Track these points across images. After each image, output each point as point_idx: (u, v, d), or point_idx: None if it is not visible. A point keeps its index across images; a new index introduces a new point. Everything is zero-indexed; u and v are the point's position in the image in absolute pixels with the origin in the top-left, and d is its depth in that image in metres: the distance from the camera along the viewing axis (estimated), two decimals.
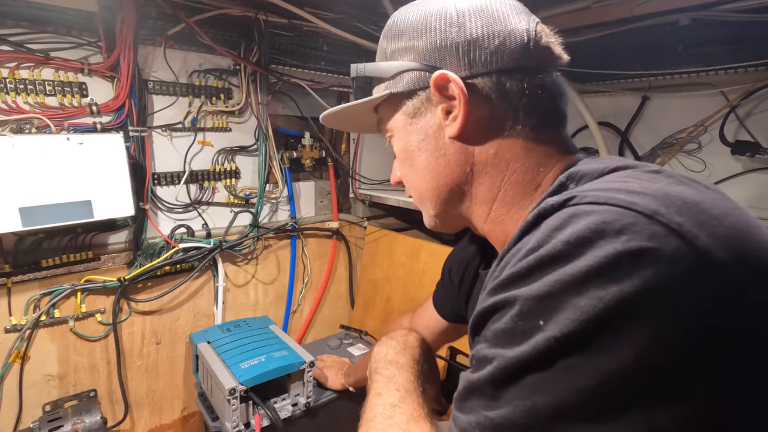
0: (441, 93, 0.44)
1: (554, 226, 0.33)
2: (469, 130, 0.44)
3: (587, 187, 0.36)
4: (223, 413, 1.01)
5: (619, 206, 0.31)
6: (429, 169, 0.48)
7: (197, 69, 1.19)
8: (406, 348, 0.61)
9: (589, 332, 0.28)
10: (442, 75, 0.43)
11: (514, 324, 0.32)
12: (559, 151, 0.45)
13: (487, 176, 0.46)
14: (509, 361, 0.31)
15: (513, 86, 0.43)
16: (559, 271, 0.30)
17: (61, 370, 1.09)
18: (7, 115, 0.92)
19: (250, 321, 1.26)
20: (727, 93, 1.16)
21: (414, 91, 0.46)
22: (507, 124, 0.44)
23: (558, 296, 0.30)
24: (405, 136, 0.49)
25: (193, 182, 1.24)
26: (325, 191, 1.54)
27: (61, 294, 1.04)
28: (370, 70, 0.50)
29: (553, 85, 0.45)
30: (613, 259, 0.29)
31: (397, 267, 1.43)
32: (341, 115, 0.56)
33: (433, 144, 0.47)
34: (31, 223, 0.90)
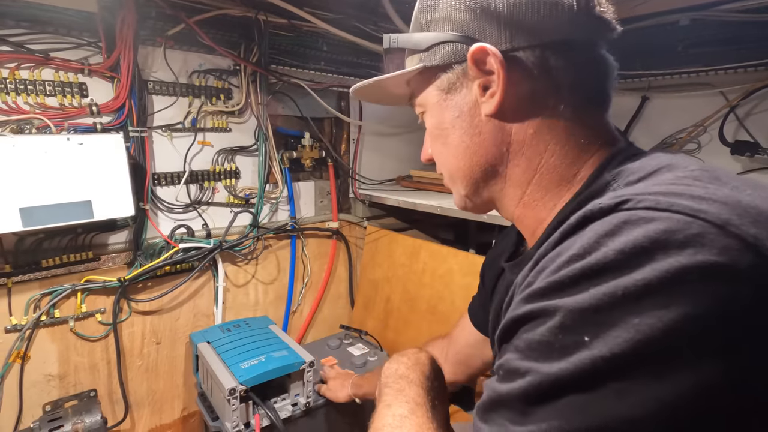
0: (478, 67, 0.41)
1: (604, 232, 0.29)
2: (508, 108, 0.41)
3: (641, 189, 0.32)
4: (223, 413, 1.01)
5: (684, 213, 0.27)
6: (462, 147, 0.45)
7: (197, 69, 1.19)
8: (416, 364, 0.60)
9: (644, 355, 0.25)
10: (481, 48, 0.39)
11: (553, 337, 0.29)
12: (602, 137, 0.42)
13: (524, 157, 0.43)
14: (545, 377, 0.29)
15: (558, 62, 0.39)
16: (611, 283, 0.27)
17: (62, 370, 1.09)
18: (7, 115, 0.92)
19: (250, 321, 1.26)
20: (727, 93, 1.16)
21: (449, 64, 0.43)
22: (549, 103, 0.41)
23: (608, 311, 0.27)
24: (438, 112, 0.46)
25: (193, 182, 1.24)
26: (325, 191, 1.54)
27: (61, 294, 1.04)
28: (404, 41, 0.47)
29: (602, 63, 0.42)
30: (676, 274, 0.25)
31: (396, 267, 1.43)
32: (372, 88, 0.53)
33: (468, 121, 0.44)
34: (31, 223, 0.90)
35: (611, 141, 0.43)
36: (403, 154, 1.72)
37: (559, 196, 0.42)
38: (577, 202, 0.39)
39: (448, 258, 1.27)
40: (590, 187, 0.39)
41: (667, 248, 0.26)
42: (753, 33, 1.02)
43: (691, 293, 0.25)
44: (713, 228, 0.26)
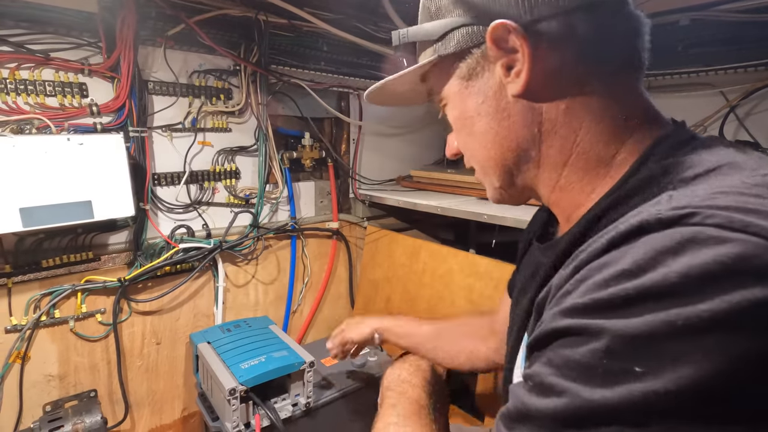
0: (499, 46, 0.38)
1: (664, 249, 0.26)
2: (536, 85, 0.38)
3: (706, 199, 0.28)
4: (223, 413, 1.01)
5: (763, 237, 0.24)
6: (491, 134, 0.42)
7: (197, 69, 1.19)
8: (418, 370, 0.60)
9: (705, 394, 0.23)
10: (500, 24, 0.36)
11: (597, 360, 0.26)
12: (641, 112, 0.39)
13: (558, 136, 0.39)
14: (585, 402, 0.26)
15: (585, 27, 0.36)
16: (672, 311, 0.24)
17: (62, 370, 1.09)
18: (7, 115, 0.92)
19: (250, 321, 1.26)
20: (727, 93, 1.16)
21: (467, 49, 0.41)
22: (579, 75, 0.37)
23: (664, 342, 0.24)
24: (461, 101, 0.44)
25: (193, 182, 1.24)
26: (325, 191, 1.54)
27: (61, 294, 1.04)
28: (414, 34, 0.44)
29: (632, 22, 0.38)
30: (749, 308, 0.22)
31: (397, 267, 1.43)
32: (387, 91, 0.50)
33: (494, 106, 0.41)
34: (31, 223, 0.90)
35: (654, 119, 0.39)
36: (403, 154, 1.72)
37: (599, 179, 0.39)
38: (621, 195, 0.35)
39: (448, 258, 1.27)
40: (635, 176, 0.36)
41: (740, 277, 0.23)
42: (753, 33, 1.02)
43: (764, 330, 0.22)
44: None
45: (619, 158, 0.38)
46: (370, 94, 0.52)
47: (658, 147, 0.37)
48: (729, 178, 0.30)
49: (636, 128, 0.38)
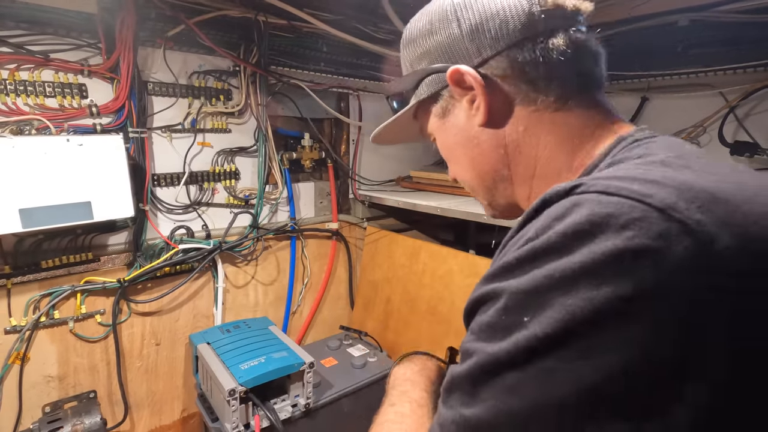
0: (460, 86, 0.44)
1: (555, 215, 0.30)
2: (495, 113, 0.44)
3: (602, 174, 0.33)
4: (223, 414, 1.01)
5: (630, 198, 0.27)
6: (468, 160, 0.49)
7: (197, 70, 1.19)
8: (423, 369, 0.62)
9: (572, 335, 0.26)
10: (455, 70, 0.43)
11: (498, 318, 0.30)
12: (598, 122, 0.43)
13: (522, 155, 0.45)
14: (488, 357, 0.29)
15: (527, 58, 0.42)
16: (551, 265, 0.28)
17: (61, 371, 1.09)
18: (7, 116, 0.92)
19: (249, 322, 1.26)
20: (726, 94, 1.16)
21: (438, 92, 0.48)
22: (531, 98, 0.43)
23: (545, 293, 0.28)
24: (443, 135, 0.51)
25: (193, 183, 1.24)
26: (324, 192, 1.54)
27: (60, 295, 1.04)
28: (396, 87, 0.53)
29: (576, 45, 0.42)
30: (610, 256, 0.26)
31: (396, 268, 1.43)
32: (390, 131, 0.59)
33: (466, 135, 0.47)
34: (31, 224, 0.90)
35: (610, 125, 0.43)
36: (402, 154, 1.72)
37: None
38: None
39: (448, 259, 1.27)
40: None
41: (606, 230, 0.27)
42: (752, 34, 1.02)
43: (622, 275, 0.25)
44: (655, 212, 0.26)
45: (575, 165, 0.43)
46: (376, 137, 0.60)
47: (614, 148, 0.40)
48: (635, 161, 0.35)
49: (591, 136, 0.43)
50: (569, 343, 0.26)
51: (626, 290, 0.25)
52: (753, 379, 0.26)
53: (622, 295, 0.25)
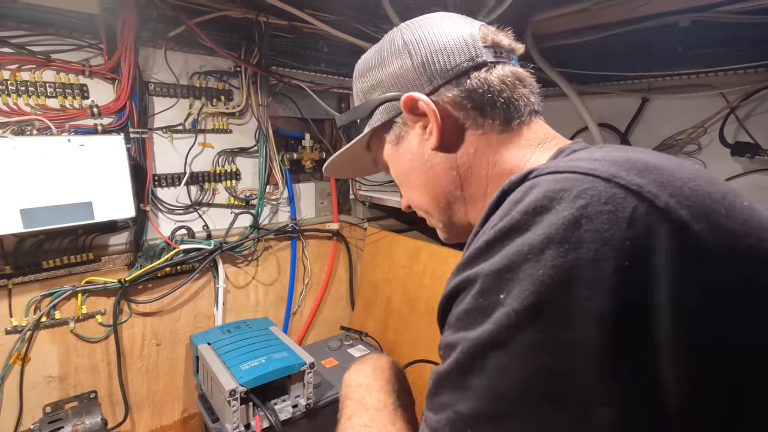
0: (413, 113, 0.47)
1: (515, 200, 0.32)
2: (447, 137, 0.46)
3: (551, 162, 0.36)
4: (224, 415, 1.01)
5: (578, 173, 0.30)
6: (422, 183, 0.50)
7: (198, 71, 1.19)
8: (375, 369, 0.59)
9: (548, 304, 0.27)
10: (409, 97, 0.46)
11: (476, 302, 0.30)
12: (538, 140, 0.47)
13: (473, 175, 0.48)
14: (472, 342, 0.29)
15: (473, 85, 0.45)
16: (517, 241, 0.29)
17: (62, 371, 1.09)
18: (8, 116, 0.93)
19: (250, 322, 1.26)
20: (727, 94, 1.16)
21: (391, 120, 0.50)
22: (479, 122, 0.46)
23: (517, 268, 0.28)
24: (397, 161, 0.52)
25: (194, 184, 1.24)
26: (325, 193, 1.55)
27: (61, 295, 1.05)
28: (350, 116, 0.54)
29: (515, 75, 0.47)
30: (569, 223, 0.28)
31: (397, 268, 1.43)
32: (342, 163, 0.59)
33: (420, 160, 0.49)
34: (32, 224, 0.90)
35: (551, 140, 0.47)
36: None
37: None
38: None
39: (449, 259, 1.27)
40: None
41: (562, 202, 0.29)
42: (753, 34, 1.02)
43: (583, 240, 0.27)
44: (601, 181, 0.29)
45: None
46: (328, 168, 0.60)
47: (554, 159, 0.42)
48: (577, 154, 0.38)
49: (535, 152, 0.46)
50: (546, 312, 0.27)
51: (586, 254, 0.27)
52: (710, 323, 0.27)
53: (585, 258, 0.27)
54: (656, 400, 0.26)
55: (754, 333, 0.27)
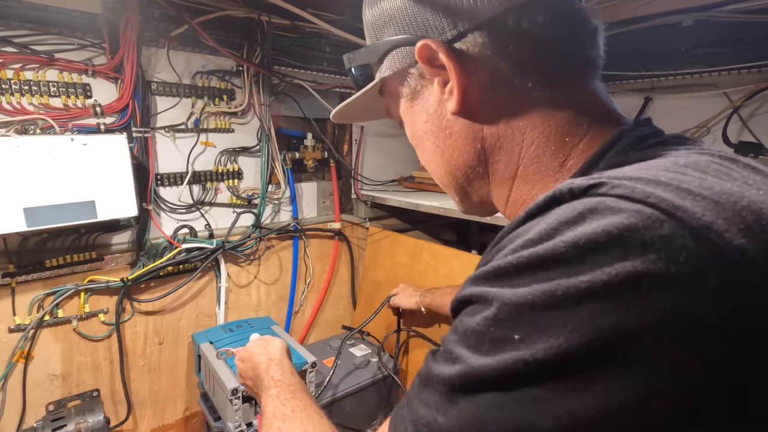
0: (431, 65, 0.37)
1: (566, 219, 0.25)
2: (471, 101, 0.37)
3: (623, 172, 0.27)
4: (226, 413, 1.01)
5: (659, 209, 0.23)
6: (438, 152, 0.42)
7: (200, 70, 1.19)
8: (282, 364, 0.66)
9: (567, 366, 0.23)
10: (424, 45, 0.36)
11: (486, 328, 0.26)
12: (590, 115, 0.36)
13: (503, 151, 0.38)
14: (472, 370, 0.26)
15: (510, 32, 0.34)
16: (554, 281, 0.24)
17: (65, 369, 1.09)
18: (11, 116, 0.93)
19: (252, 321, 1.26)
20: (730, 94, 1.16)
21: (405, 69, 0.40)
22: (514, 83, 0.36)
23: (543, 311, 0.24)
24: (410, 120, 0.44)
25: (196, 183, 1.24)
26: (327, 192, 1.55)
27: (64, 294, 1.05)
28: (359, 57, 0.45)
29: (569, 17, 0.36)
30: (625, 281, 0.22)
31: (399, 268, 1.43)
32: (353, 109, 0.51)
33: (437, 124, 0.40)
34: (35, 223, 0.90)
35: (608, 120, 0.36)
36: (405, 154, 1.72)
37: (548, 187, 0.36)
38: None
39: (450, 259, 1.27)
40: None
41: (625, 248, 0.22)
42: (756, 34, 1.02)
43: (637, 304, 0.22)
44: (687, 231, 0.22)
45: (568, 165, 0.36)
46: (336, 115, 0.53)
47: (611, 148, 0.34)
48: (661, 160, 0.29)
49: (586, 133, 0.36)
50: (562, 374, 0.23)
51: (637, 321, 0.22)
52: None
53: (633, 326, 0.22)
54: None
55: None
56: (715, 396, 0.22)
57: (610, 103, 0.38)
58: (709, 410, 0.22)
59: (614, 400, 0.22)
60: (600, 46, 0.37)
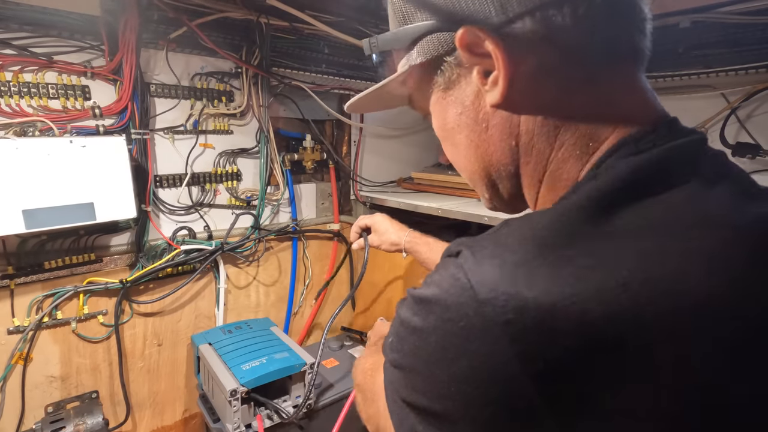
0: (472, 52, 0.34)
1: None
2: (515, 93, 0.33)
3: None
4: (225, 415, 1.01)
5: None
6: (472, 147, 0.39)
7: (199, 72, 1.19)
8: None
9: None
10: (468, 31, 0.33)
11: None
12: (622, 110, 0.33)
13: (534, 150, 0.36)
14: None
15: (566, 21, 0.31)
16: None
17: (64, 371, 1.09)
18: (10, 118, 0.93)
19: (251, 323, 1.26)
20: (728, 95, 1.16)
21: (440, 57, 0.37)
22: (560, 77, 0.33)
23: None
24: (441, 111, 0.41)
25: (195, 184, 1.24)
26: (326, 193, 1.55)
27: (63, 296, 1.05)
28: (384, 42, 0.42)
29: (625, 6, 0.33)
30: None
31: (398, 269, 1.43)
32: (369, 98, 0.48)
33: (473, 117, 0.37)
34: (34, 225, 0.90)
35: (631, 117, 0.33)
36: (404, 155, 1.72)
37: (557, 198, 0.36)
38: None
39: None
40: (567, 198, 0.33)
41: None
42: (754, 35, 1.02)
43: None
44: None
45: (583, 172, 0.35)
46: (352, 105, 0.50)
47: (606, 159, 0.33)
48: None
49: (609, 133, 0.33)
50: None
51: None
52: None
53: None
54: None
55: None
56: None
57: (653, 99, 0.35)
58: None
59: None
60: (648, 36, 0.35)
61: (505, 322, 0.27)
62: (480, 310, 0.28)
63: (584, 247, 0.28)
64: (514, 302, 0.27)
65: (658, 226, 0.29)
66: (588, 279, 0.27)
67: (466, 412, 0.29)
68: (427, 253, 0.95)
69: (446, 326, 0.29)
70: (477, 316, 0.28)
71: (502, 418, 0.28)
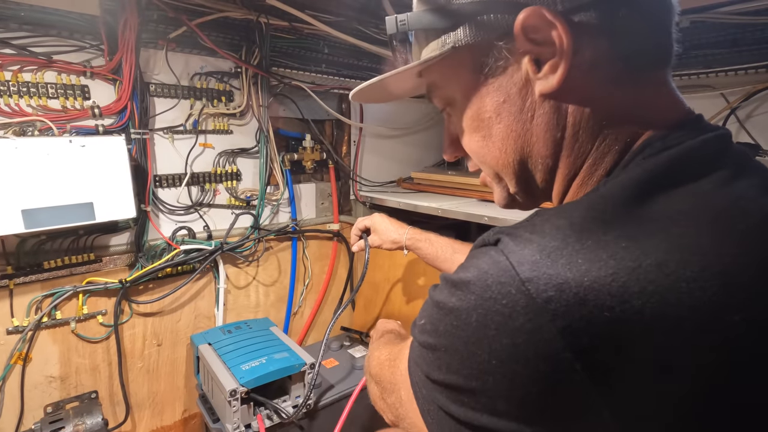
0: (530, 38, 0.32)
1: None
2: (570, 83, 0.33)
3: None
4: (224, 415, 1.01)
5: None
6: (512, 138, 0.37)
7: (199, 72, 1.19)
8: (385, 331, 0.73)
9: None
10: (535, 11, 0.31)
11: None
12: (653, 111, 0.34)
13: (577, 144, 0.35)
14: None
15: (625, 16, 0.32)
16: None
17: (63, 371, 1.09)
18: (9, 117, 0.93)
19: (251, 323, 1.26)
20: (728, 95, 1.16)
21: (490, 40, 0.35)
22: (611, 73, 0.33)
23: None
24: (477, 99, 0.38)
25: (195, 184, 1.24)
26: (326, 193, 1.55)
27: (62, 296, 1.05)
28: (418, 21, 0.38)
29: (668, 4, 0.35)
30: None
31: (397, 268, 1.43)
32: (373, 88, 0.45)
33: (517, 106, 0.35)
34: (33, 225, 0.90)
35: (664, 114, 0.34)
36: (404, 155, 1.72)
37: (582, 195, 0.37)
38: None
39: None
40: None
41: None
42: (754, 35, 1.02)
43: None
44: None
45: (615, 169, 0.36)
46: (358, 93, 0.47)
47: (625, 158, 0.35)
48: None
49: (641, 132, 0.34)
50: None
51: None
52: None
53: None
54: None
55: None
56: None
57: (680, 97, 0.36)
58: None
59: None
60: (674, 36, 0.36)
61: (547, 300, 0.27)
62: (522, 288, 0.28)
63: (620, 231, 0.29)
64: (555, 280, 0.28)
65: (689, 212, 0.30)
66: (626, 259, 0.27)
67: (506, 389, 0.29)
68: (428, 248, 0.95)
69: (487, 304, 0.29)
70: (519, 293, 0.28)
71: (545, 394, 0.28)
